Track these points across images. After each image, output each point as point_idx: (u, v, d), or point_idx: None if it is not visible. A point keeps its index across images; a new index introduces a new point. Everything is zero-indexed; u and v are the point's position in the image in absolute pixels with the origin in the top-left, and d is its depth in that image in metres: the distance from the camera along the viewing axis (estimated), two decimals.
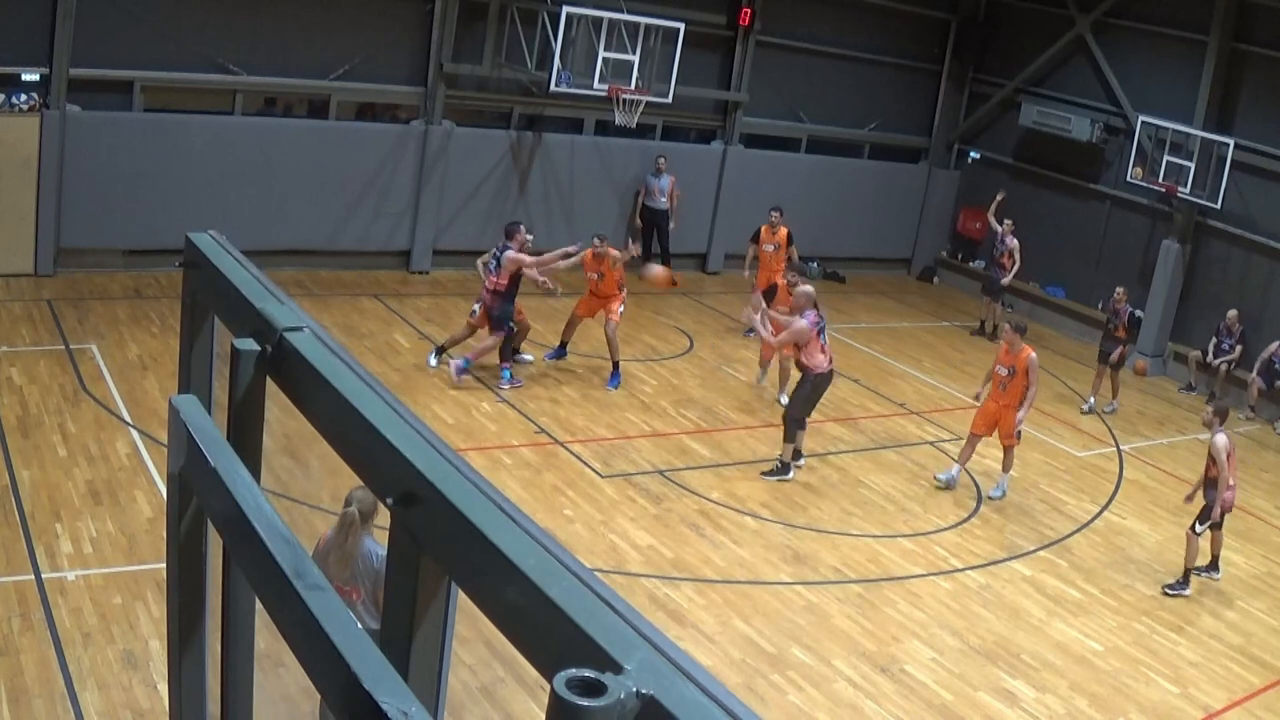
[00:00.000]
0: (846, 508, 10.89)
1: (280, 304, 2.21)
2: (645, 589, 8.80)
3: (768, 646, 8.30)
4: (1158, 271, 17.21)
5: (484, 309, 12.40)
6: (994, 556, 10.37)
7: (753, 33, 18.02)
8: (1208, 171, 16.09)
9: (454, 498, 1.62)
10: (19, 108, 13.11)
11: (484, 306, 12.41)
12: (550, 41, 15.16)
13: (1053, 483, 12.29)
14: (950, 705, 7.93)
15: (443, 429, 10.57)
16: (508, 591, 1.49)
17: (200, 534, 2.28)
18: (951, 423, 13.64)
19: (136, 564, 7.95)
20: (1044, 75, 19.20)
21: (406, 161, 15.80)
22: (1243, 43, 16.40)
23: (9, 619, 7.09)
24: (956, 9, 20.00)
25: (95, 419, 10.12)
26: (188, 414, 2.15)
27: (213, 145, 14.33)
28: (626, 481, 10.67)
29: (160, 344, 11.95)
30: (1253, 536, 11.74)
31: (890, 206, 20.10)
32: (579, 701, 1.21)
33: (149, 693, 6.61)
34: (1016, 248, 17.05)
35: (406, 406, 1.93)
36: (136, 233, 13.95)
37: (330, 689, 1.49)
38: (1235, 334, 16.04)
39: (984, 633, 8.97)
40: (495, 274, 12.26)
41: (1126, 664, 8.84)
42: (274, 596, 1.72)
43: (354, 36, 15.11)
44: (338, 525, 5.83)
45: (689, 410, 12.70)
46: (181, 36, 13.90)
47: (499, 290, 12.23)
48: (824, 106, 19.34)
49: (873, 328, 17.02)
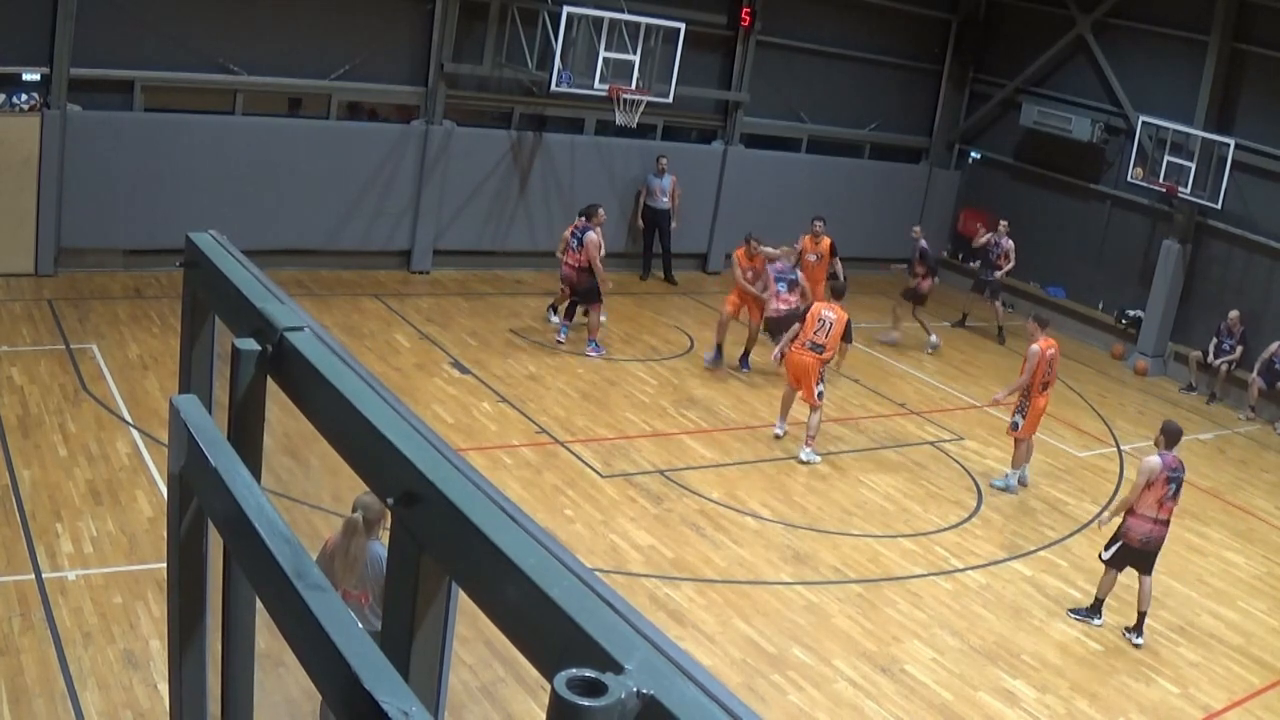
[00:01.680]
0: (847, 508, 10.89)
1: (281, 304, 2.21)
2: (645, 589, 8.80)
3: (768, 646, 8.30)
4: (1158, 271, 17.21)
5: (569, 284, 13.56)
6: (994, 556, 10.37)
7: (753, 33, 18.02)
8: (1208, 171, 16.09)
9: (454, 498, 1.62)
10: (19, 108, 13.11)
11: (568, 281, 13.54)
12: (551, 41, 15.16)
13: (1053, 483, 12.29)
14: (951, 705, 7.93)
15: (443, 429, 10.57)
16: (508, 591, 1.49)
17: (201, 534, 2.29)
18: (952, 423, 13.64)
19: (137, 564, 7.95)
20: (1044, 75, 19.20)
21: (407, 161, 15.80)
22: (1243, 43, 16.40)
23: (9, 619, 7.09)
24: (956, 9, 20.00)
25: (96, 419, 10.12)
26: (188, 414, 2.15)
27: (213, 145, 14.33)
28: (627, 481, 10.67)
29: (161, 344, 11.95)
30: (1253, 536, 11.73)
31: (890, 206, 20.08)
32: (579, 701, 1.22)
33: (149, 693, 6.61)
34: (1012, 248, 17.18)
35: (407, 406, 1.93)
36: (137, 232, 13.95)
37: (331, 689, 1.49)
38: (1236, 334, 16.04)
39: (984, 633, 8.97)
40: (577, 251, 13.34)
41: (1126, 664, 8.84)
42: (274, 596, 1.73)
43: (354, 36, 15.11)
44: (342, 530, 5.83)
45: (689, 410, 12.70)
46: (181, 36, 13.90)
47: (581, 266, 13.32)
48: (824, 106, 19.35)
49: (873, 327, 17.01)
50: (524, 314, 15.10)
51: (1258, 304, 16.26)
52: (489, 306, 15.28)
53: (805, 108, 19.20)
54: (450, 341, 13.63)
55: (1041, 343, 11.57)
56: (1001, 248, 17.20)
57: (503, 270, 16.81)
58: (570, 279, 13.61)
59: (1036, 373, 11.49)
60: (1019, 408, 11.73)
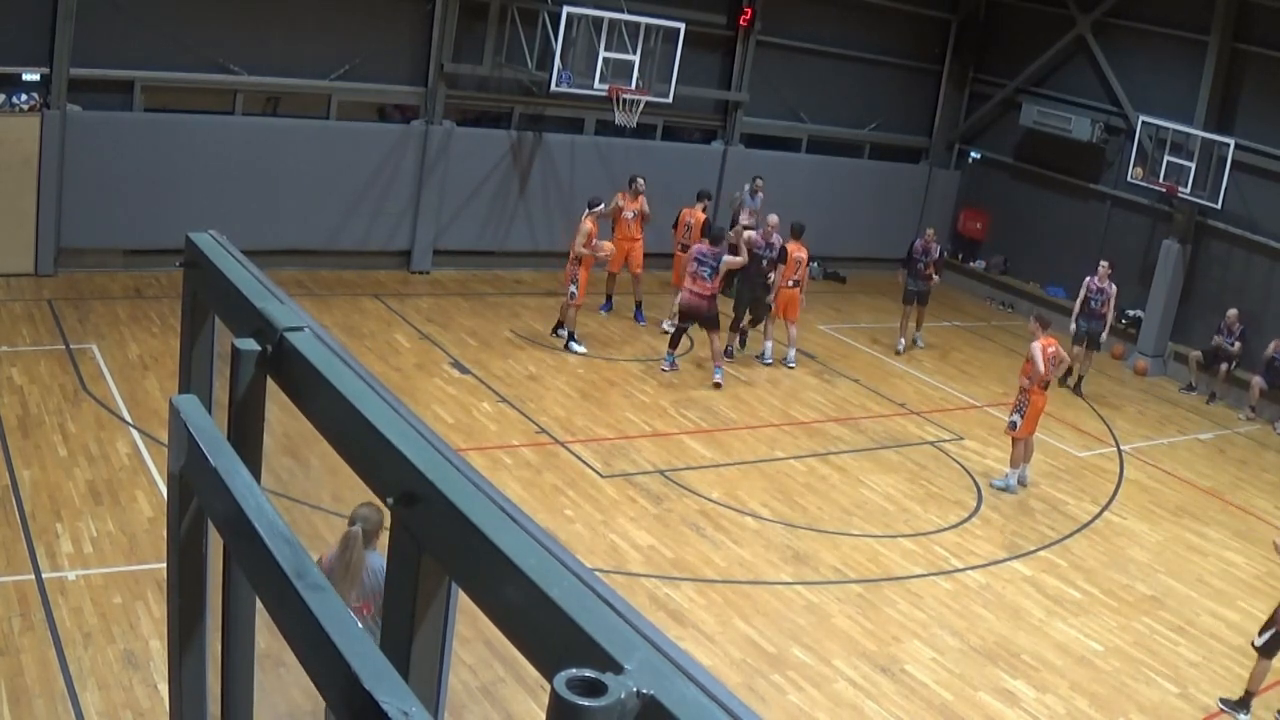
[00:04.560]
0: (847, 508, 10.89)
1: (281, 304, 2.21)
2: (645, 589, 8.80)
3: (768, 646, 8.30)
4: (1158, 271, 17.22)
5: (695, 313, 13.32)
6: (994, 556, 10.37)
7: (753, 33, 18.02)
8: (1208, 171, 16.09)
9: (454, 498, 1.62)
10: (19, 108, 13.11)
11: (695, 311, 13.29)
12: (550, 41, 15.16)
13: (1053, 483, 12.29)
14: (950, 705, 7.93)
15: (443, 429, 10.57)
16: (508, 591, 1.49)
17: (201, 534, 2.28)
18: (952, 422, 13.64)
19: (137, 564, 7.95)
20: (1044, 75, 19.20)
21: (407, 161, 15.80)
22: (1243, 43, 16.40)
23: (9, 619, 7.09)
24: (956, 9, 20.00)
25: (96, 419, 10.12)
26: (188, 414, 2.15)
27: (213, 145, 14.33)
28: (627, 481, 10.67)
29: (160, 344, 11.95)
30: (1253, 536, 11.73)
31: (890, 206, 20.10)
32: (579, 701, 1.21)
33: (149, 693, 6.61)
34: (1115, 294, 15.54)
35: (407, 406, 1.93)
36: (137, 233, 13.95)
37: (330, 689, 1.49)
38: (1235, 333, 16.04)
39: (984, 633, 8.97)
40: (710, 280, 13.22)
41: (1126, 664, 8.84)
42: (274, 596, 1.72)
43: (354, 36, 15.11)
44: (340, 544, 5.77)
45: (689, 410, 12.70)
46: (181, 36, 13.90)
47: (712, 295, 13.25)
48: (824, 106, 19.35)
49: (873, 328, 17.03)
50: (524, 314, 15.11)
51: (1258, 304, 16.26)
52: (489, 306, 15.28)
53: (805, 108, 19.20)
54: (450, 341, 13.63)
55: (1042, 340, 11.59)
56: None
57: (503, 270, 16.81)
58: (700, 309, 13.20)
59: (1043, 369, 11.51)
60: (1017, 407, 11.74)
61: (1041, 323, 11.83)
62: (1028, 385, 11.66)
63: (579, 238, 13.73)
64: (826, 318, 17.11)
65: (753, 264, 14.01)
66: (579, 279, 13.74)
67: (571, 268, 13.81)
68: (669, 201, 16.37)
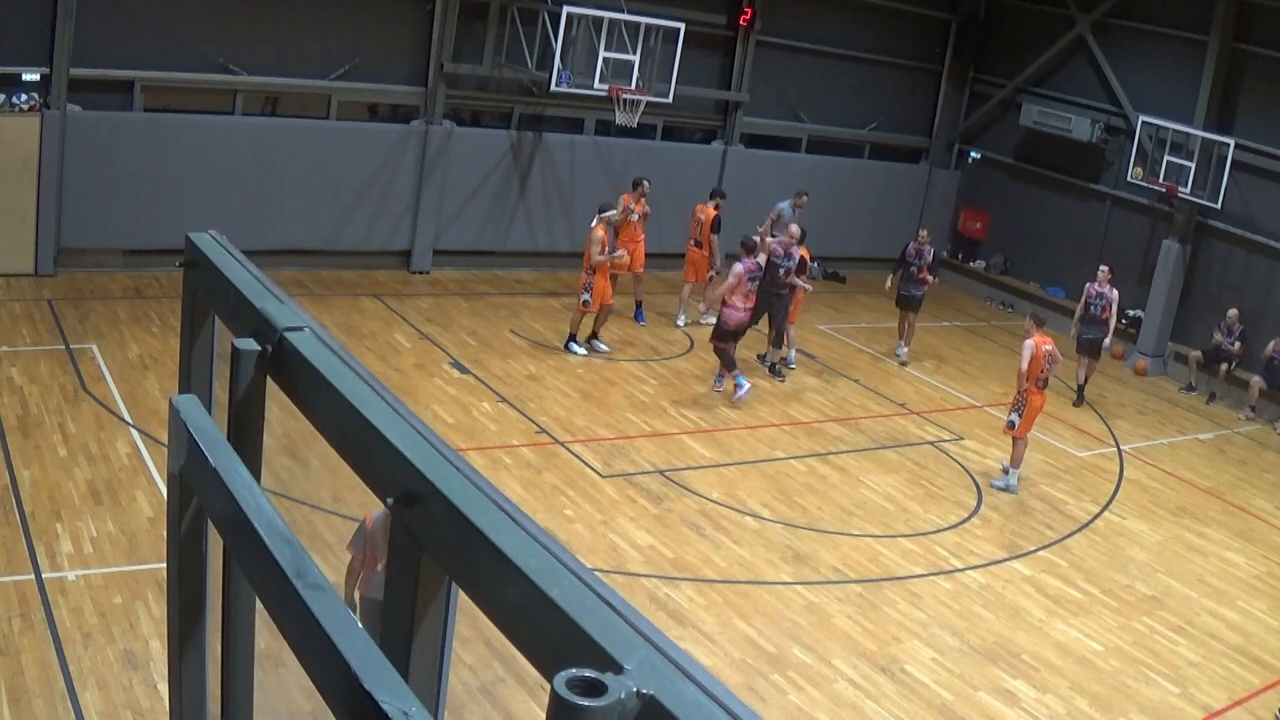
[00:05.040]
0: (847, 508, 10.89)
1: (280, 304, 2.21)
2: (645, 589, 8.80)
3: (768, 646, 8.30)
4: (1158, 271, 17.22)
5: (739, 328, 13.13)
6: (994, 556, 10.37)
7: (753, 33, 18.02)
8: (1208, 171, 16.09)
9: (454, 498, 1.62)
10: (19, 108, 13.11)
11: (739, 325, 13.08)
12: (550, 41, 15.16)
13: (1053, 483, 12.29)
14: (950, 705, 7.93)
15: (443, 429, 10.57)
16: (508, 591, 1.49)
17: (200, 534, 2.29)
18: (952, 422, 13.64)
19: (137, 564, 7.95)
20: (1044, 75, 19.20)
21: (407, 161, 15.80)
22: (1243, 43, 16.40)
23: (9, 619, 7.09)
24: (956, 9, 20.00)
25: (96, 419, 10.12)
26: (188, 414, 2.15)
27: (213, 145, 14.33)
28: (627, 481, 10.67)
29: (160, 344, 11.95)
30: (1253, 536, 11.73)
31: (890, 206, 20.09)
32: (579, 701, 1.21)
33: (149, 693, 6.61)
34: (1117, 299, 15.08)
35: (407, 406, 1.93)
36: (137, 233, 13.95)
37: (331, 689, 1.49)
38: (1235, 332, 16.04)
39: (984, 633, 8.97)
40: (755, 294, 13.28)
41: (1126, 664, 8.84)
42: (274, 596, 1.72)
43: (354, 36, 15.11)
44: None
45: (689, 410, 12.70)
46: (181, 36, 13.90)
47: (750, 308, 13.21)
48: (824, 106, 19.34)
49: (873, 328, 17.02)
50: (524, 314, 15.11)
51: (1257, 304, 16.26)
52: (489, 306, 15.28)
53: (805, 107, 19.20)
54: (450, 341, 13.63)
55: (1037, 338, 11.58)
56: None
57: (503, 270, 16.81)
58: (746, 325, 13.06)
59: (1033, 367, 11.49)
60: (1015, 406, 11.74)
61: (1036, 321, 11.82)
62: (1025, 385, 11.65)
63: (593, 246, 13.57)
64: (826, 318, 17.11)
65: (770, 273, 13.84)
66: (593, 287, 13.61)
67: (586, 276, 13.68)
68: (669, 201, 16.39)
